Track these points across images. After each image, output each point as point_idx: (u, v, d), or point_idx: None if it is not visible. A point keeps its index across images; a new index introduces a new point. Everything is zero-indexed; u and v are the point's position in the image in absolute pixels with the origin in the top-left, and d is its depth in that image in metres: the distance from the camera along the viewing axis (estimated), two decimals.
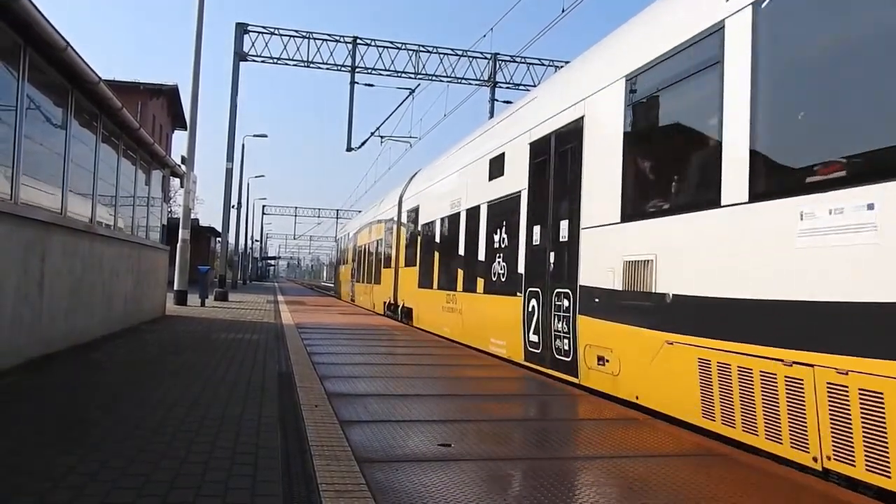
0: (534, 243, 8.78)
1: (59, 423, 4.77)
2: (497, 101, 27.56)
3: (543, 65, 27.60)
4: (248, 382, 6.77)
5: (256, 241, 78.93)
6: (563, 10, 18.12)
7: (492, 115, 25.67)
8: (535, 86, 24.88)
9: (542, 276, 8.41)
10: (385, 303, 20.68)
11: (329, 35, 26.36)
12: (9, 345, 6.86)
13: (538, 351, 8.48)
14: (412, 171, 21.44)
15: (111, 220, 11.28)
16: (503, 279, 9.91)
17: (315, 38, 26.21)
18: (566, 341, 7.68)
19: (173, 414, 5.17)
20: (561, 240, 7.97)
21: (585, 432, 5.50)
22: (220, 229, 28.03)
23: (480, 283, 11.00)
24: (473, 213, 11.64)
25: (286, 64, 26.09)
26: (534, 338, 8.60)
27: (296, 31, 26.11)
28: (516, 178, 9.55)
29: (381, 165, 76.91)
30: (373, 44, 26.79)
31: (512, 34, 28.33)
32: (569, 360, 7.61)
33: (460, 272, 12.29)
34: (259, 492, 3.46)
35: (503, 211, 10.10)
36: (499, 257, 10.14)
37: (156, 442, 4.32)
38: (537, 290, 8.56)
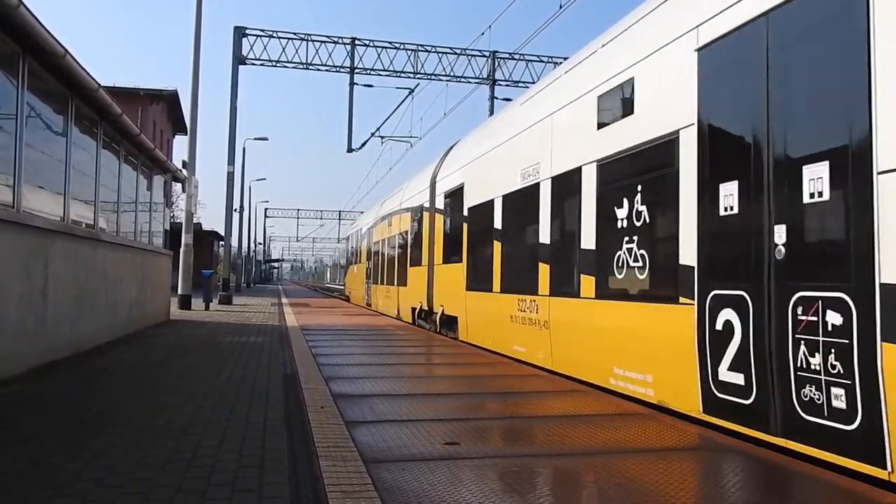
0: (721, 213, 5.30)
1: (64, 429, 4.78)
2: (497, 98, 27.57)
3: (542, 61, 27.57)
4: (253, 384, 6.77)
5: (259, 243, 79.07)
6: (560, 7, 18.14)
7: (492, 113, 25.63)
8: (534, 82, 24.85)
9: (754, 269, 4.93)
10: (415, 309, 16.88)
11: (328, 37, 26.37)
12: (13, 352, 6.87)
13: (747, 402, 4.97)
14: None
15: (114, 225, 11.31)
16: (643, 276, 6.46)
17: (313, 40, 26.22)
18: (841, 393, 4.19)
19: (179, 417, 5.18)
20: (808, 200, 4.52)
21: None
22: (222, 233, 28.06)
23: (587, 283, 7.51)
24: (567, 180, 8.10)
25: (285, 66, 26.11)
26: (732, 377, 5.12)
27: (294, 34, 26.12)
28: (665, 114, 6.17)
29: (383, 166, 77.04)
30: (371, 44, 26.79)
31: (511, 31, 28.34)
32: (850, 429, 4.13)
33: (544, 268, 8.68)
34: (266, 494, 3.46)
35: (634, 169, 6.71)
36: (629, 242, 6.69)
37: (162, 446, 4.32)
38: (738, 293, 5.09)
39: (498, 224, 10.57)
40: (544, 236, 8.78)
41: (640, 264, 6.53)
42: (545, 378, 7.84)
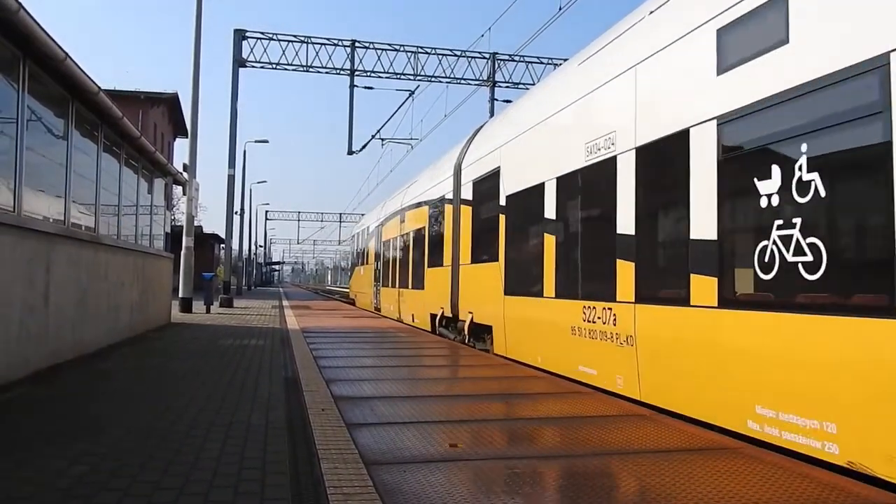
0: None
1: (67, 432, 4.79)
2: (497, 100, 27.57)
3: (542, 63, 27.58)
4: (255, 387, 6.79)
5: (260, 246, 79.10)
6: (559, 9, 18.16)
7: (492, 115, 25.62)
8: (534, 84, 24.86)
9: None
10: (434, 316, 14.92)
11: (328, 39, 26.38)
12: (16, 356, 6.88)
13: None
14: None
15: (115, 229, 11.32)
16: (815, 276, 4.49)
17: (313, 43, 26.22)
18: None
19: (181, 420, 5.19)
20: None
21: None
22: (223, 236, 28.08)
23: (704, 285, 5.52)
24: (664, 149, 6.27)
25: (285, 69, 26.11)
26: None
27: (294, 36, 26.14)
28: (853, 34, 4.33)
29: (383, 168, 77.15)
30: (371, 46, 26.80)
31: (511, 33, 28.38)
32: None
33: (626, 267, 6.76)
34: (268, 496, 3.47)
35: (793, 122, 4.73)
36: (785, 227, 4.72)
37: (165, 449, 4.33)
38: None
39: (550, 213, 8.65)
40: (625, 225, 6.83)
41: (810, 259, 4.52)
42: (546, 379, 7.84)
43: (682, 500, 3.46)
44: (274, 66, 25.86)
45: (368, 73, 26.73)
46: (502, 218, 10.41)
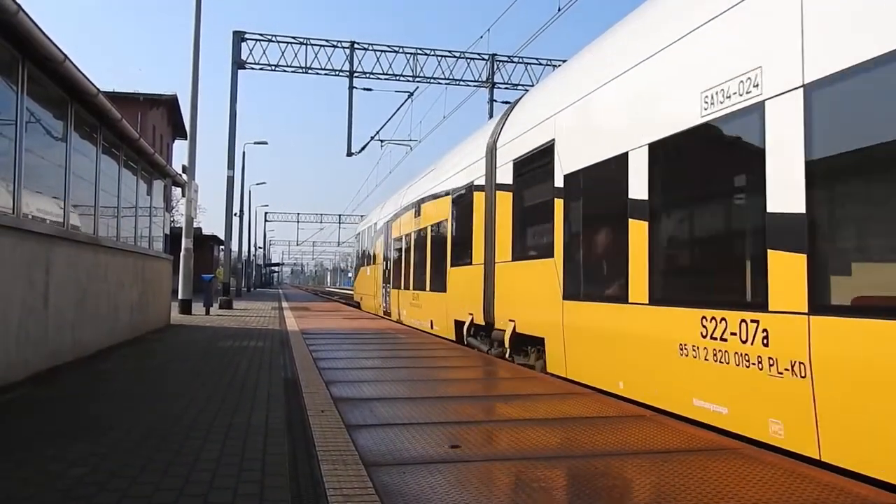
0: None
1: (67, 434, 4.79)
2: (496, 101, 27.60)
3: (541, 64, 27.62)
4: (254, 389, 6.79)
5: (259, 248, 79.09)
6: (558, 9, 18.18)
7: (491, 116, 25.61)
8: (533, 85, 24.86)
9: None
10: (461, 323, 12.72)
11: (326, 40, 26.41)
12: (16, 358, 6.88)
13: None
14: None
15: (114, 230, 11.32)
16: None
17: (312, 44, 26.25)
18: None
19: (181, 422, 5.19)
20: None
21: None
22: (223, 237, 28.09)
23: None
24: (876, 78, 4.05)
25: (284, 70, 26.14)
26: None
27: (293, 38, 26.16)
28: None
29: (383, 169, 77.35)
30: (370, 48, 26.83)
31: (510, 34, 28.41)
32: None
33: (790, 260, 4.60)
34: (267, 497, 3.47)
35: None
36: None
37: (165, 450, 4.34)
38: None
39: (638, 191, 6.59)
40: (784, 199, 4.71)
41: None
42: (546, 381, 7.84)
43: (682, 501, 3.46)
44: (273, 67, 25.89)
45: (367, 75, 26.78)
46: (558, 203, 8.32)
